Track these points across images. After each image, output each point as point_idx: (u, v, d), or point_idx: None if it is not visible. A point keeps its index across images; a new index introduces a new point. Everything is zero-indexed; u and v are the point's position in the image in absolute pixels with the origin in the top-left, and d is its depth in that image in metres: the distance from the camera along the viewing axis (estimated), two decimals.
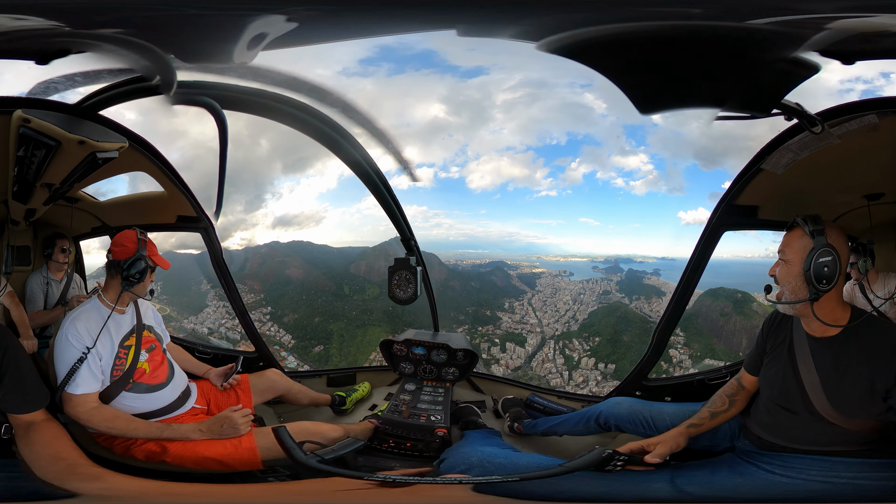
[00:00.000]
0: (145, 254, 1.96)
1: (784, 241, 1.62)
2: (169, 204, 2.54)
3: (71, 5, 1.53)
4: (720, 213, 2.18)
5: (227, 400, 2.25)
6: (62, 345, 1.85)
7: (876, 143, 1.78)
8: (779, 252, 1.62)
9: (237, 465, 1.87)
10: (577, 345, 6.77)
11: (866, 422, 1.55)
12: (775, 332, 1.74)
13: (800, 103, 1.73)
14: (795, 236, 1.59)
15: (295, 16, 1.59)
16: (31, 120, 1.79)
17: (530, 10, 1.57)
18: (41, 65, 1.72)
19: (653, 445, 1.71)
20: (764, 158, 1.94)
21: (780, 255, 1.62)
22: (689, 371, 5.63)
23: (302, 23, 1.62)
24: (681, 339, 6.09)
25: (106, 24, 1.58)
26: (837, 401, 1.56)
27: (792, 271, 1.58)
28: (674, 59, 1.66)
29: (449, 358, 2.75)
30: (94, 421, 1.85)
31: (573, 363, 6.62)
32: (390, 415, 2.36)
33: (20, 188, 2.13)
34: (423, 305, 3.00)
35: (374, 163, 2.47)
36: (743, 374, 1.84)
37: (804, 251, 1.56)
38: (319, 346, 6.90)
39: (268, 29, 1.62)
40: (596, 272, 7.69)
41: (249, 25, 1.58)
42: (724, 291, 6.24)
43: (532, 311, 7.32)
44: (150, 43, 1.67)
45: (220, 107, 2.16)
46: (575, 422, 2.24)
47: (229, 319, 5.78)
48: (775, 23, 1.51)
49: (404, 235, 2.74)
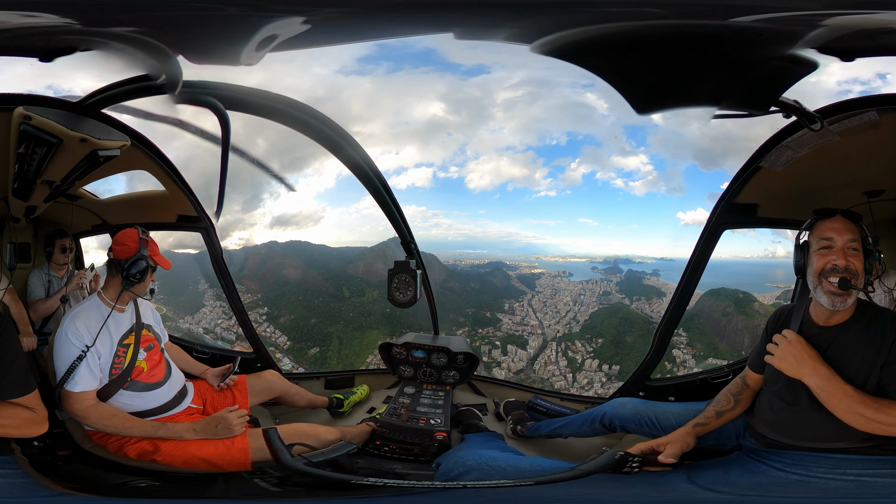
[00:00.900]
0: (146, 253, 1.95)
1: (853, 232, 1.58)
2: (170, 203, 2.55)
3: (86, 2, 1.54)
4: (720, 212, 2.18)
5: (224, 400, 2.23)
6: (62, 342, 1.84)
7: (876, 139, 1.78)
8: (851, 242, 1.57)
9: (226, 465, 1.85)
10: (579, 346, 6.71)
11: None
12: (781, 329, 1.72)
13: (798, 100, 1.74)
14: (855, 228, 1.59)
15: (300, 19, 1.61)
16: (32, 117, 1.80)
17: (524, 11, 1.58)
18: (45, 62, 1.73)
19: (663, 446, 1.70)
20: (763, 156, 1.95)
21: (853, 246, 1.56)
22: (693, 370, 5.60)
23: (306, 26, 1.64)
24: (683, 339, 6.06)
25: (118, 22, 1.60)
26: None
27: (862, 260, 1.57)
28: (669, 59, 1.67)
29: (449, 361, 2.73)
30: (91, 418, 1.84)
31: (576, 365, 6.55)
32: (388, 418, 2.34)
33: (21, 185, 2.13)
34: (422, 308, 2.98)
35: (374, 164, 2.48)
36: (747, 373, 1.82)
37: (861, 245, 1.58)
38: (315, 348, 6.81)
39: (277, 31, 1.63)
40: (595, 273, 7.67)
41: (260, 28, 1.60)
42: (725, 291, 6.22)
43: (532, 312, 7.26)
44: (160, 42, 1.68)
45: (223, 107, 2.18)
46: (579, 423, 2.22)
47: (225, 319, 5.73)
48: (773, 20, 1.52)
49: (404, 238, 2.73)
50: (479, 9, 1.60)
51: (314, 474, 1.73)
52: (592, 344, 6.68)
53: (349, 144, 2.36)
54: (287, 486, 1.80)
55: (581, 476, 1.60)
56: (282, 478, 1.81)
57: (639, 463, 1.62)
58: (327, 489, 1.77)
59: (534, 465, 1.76)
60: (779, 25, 1.53)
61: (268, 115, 2.24)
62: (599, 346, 6.63)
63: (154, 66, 1.85)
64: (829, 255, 1.58)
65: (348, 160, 2.40)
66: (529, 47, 1.62)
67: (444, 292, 7.15)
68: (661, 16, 1.55)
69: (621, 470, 1.60)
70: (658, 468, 1.66)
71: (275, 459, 1.72)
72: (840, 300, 1.56)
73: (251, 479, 1.85)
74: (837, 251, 1.57)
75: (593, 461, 1.61)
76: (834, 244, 1.58)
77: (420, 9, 1.65)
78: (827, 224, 1.61)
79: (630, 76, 1.69)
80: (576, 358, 6.59)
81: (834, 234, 1.59)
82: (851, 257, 1.56)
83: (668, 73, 1.71)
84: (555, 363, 6.65)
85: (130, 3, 1.55)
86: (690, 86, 1.75)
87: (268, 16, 1.59)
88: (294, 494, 1.79)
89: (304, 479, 1.76)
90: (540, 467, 1.74)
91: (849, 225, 1.59)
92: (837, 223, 1.60)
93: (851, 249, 1.57)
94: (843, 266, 1.55)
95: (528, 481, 1.59)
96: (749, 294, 6.14)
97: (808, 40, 1.55)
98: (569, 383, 5.95)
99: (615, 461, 1.60)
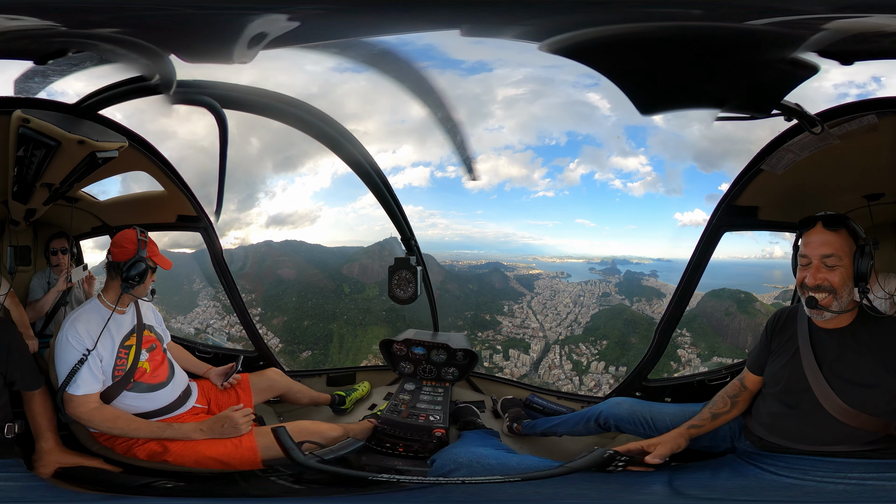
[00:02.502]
0: (145, 255, 1.94)
1: (830, 245, 1.52)
2: (169, 203, 2.54)
3: (65, 5, 1.52)
4: (720, 214, 2.18)
5: (228, 399, 2.24)
6: (62, 346, 1.84)
7: (876, 143, 1.78)
8: (826, 258, 1.51)
9: (238, 464, 1.87)
10: (584, 349, 6.63)
11: (871, 418, 1.52)
12: (781, 330, 1.72)
13: (799, 104, 1.73)
14: (843, 237, 1.53)
15: (296, 15, 1.59)
16: (30, 120, 1.79)
17: (533, 10, 1.56)
18: (39, 65, 1.71)
19: (653, 446, 1.70)
20: (764, 159, 1.95)
21: (827, 262, 1.51)
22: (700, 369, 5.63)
23: (303, 22, 1.62)
24: (688, 338, 6.06)
25: (102, 23, 1.58)
26: (843, 393, 1.53)
27: (847, 274, 1.52)
28: (673, 60, 1.66)
29: (448, 358, 2.75)
30: (95, 421, 1.85)
31: (582, 368, 6.48)
32: (389, 415, 2.36)
33: (20, 188, 2.13)
34: (419, 307, 2.98)
35: (375, 162, 2.47)
36: (746, 375, 1.82)
37: (852, 251, 1.53)
38: (307, 351, 6.66)
39: (268, 28, 1.61)
40: (593, 274, 7.65)
41: (250, 24, 1.58)
42: (727, 292, 6.22)
43: (532, 314, 7.19)
44: (149, 42, 1.67)
45: (220, 106, 2.16)
46: (574, 422, 2.23)
47: (218, 320, 5.66)
48: (774, 23, 1.51)
49: (404, 235, 2.74)
50: (488, 6, 1.58)
51: (328, 471, 1.76)
52: (597, 346, 6.61)
53: (349, 142, 2.35)
54: (306, 484, 1.83)
55: (565, 474, 1.61)
56: (298, 475, 1.84)
57: (624, 462, 1.62)
58: (337, 486, 1.81)
59: (521, 463, 1.76)
60: (783, 28, 1.52)
61: (267, 114, 2.23)
62: (604, 348, 6.56)
63: (147, 66, 1.83)
64: (804, 272, 1.57)
65: (348, 157, 2.40)
66: (538, 45, 1.60)
67: (443, 294, 7.05)
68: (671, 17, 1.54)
69: (606, 469, 1.61)
70: (643, 468, 1.65)
71: (287, 457, 1.74)
72: (816, 312, 1.55)
73: (267, 477, 1.88)
74: (812, 268, 1.55)
75: (580, 459, 1.62)
76: (809, 260, 1.56)
77: (427, 5, 1.63)
78: (806, 237, 1.58)
79: (637, 77, 1.68)
80: (581, 361, 6.51)
81: (808, 249, 1.56)
82: (825, 272, 1.53)
83: (673, 74, 1.70)
84: (559, 367, 6.55)
85: (115, 5, 1.54)
86: (694, 88, 1.74)
87: (266, 13, 1.57)
88: (310, 492, 1.82)
89: (316, 477, 1.79)
90: (528, 465, 1.75)
91: (826, 237, 1.54)
92: (815, 236, 1.56)
93: (826, 266, 1.53)
94: (811, 284, 1.54)
95: (514, 478, 1.61)
96: (750, 294, 6.14)
97: (809, 44, 1.54)
98: (576, 387, 5.85)
99: (602, 460, 1.60)
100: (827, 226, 1.54)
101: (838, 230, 1.54)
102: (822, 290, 1.53)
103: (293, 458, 1.73)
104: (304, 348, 6.73)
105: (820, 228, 1.55)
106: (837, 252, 1.53)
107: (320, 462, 1.77)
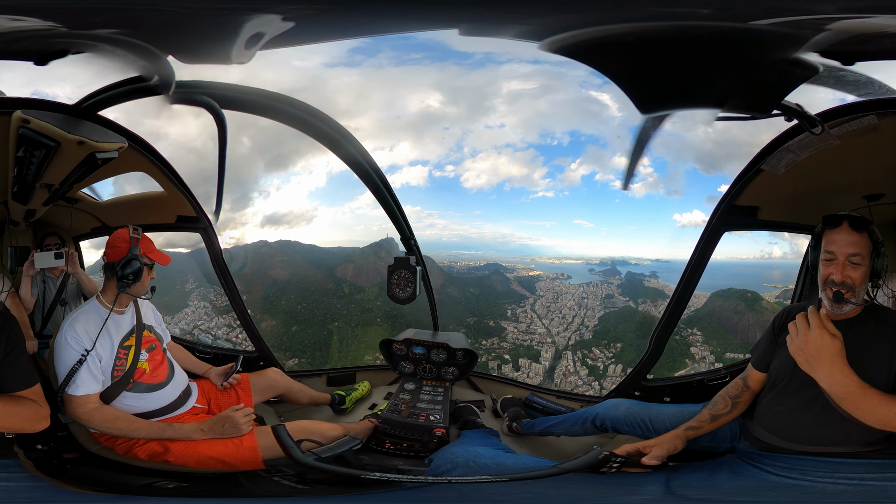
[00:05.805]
0: (138, 252, 1.92)
1: (857, 245, 1.60)
2: (168, 204, 2.54)
3: (66, 6, 1.52)
4: (721, 214, 2.18)
5: (228, 399, 2.25)
6: (61, 347, 1.84)
7: (876, 143, 1.77)
8: (852, 256, 1.59)
9: (239, 464, 1.87)
10: (598, 353, 6.44)
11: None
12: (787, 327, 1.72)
13: (800, 104, 1.73)
14: (865, 238, 1.61)
15: (293, 14, 1.58)
16: (30, 121, 1.79)
17: (533, 9, 1.56)
18: (40, 65, 1.71)
19: (649, 447, 1.69)
20: (764, 159, 1.94)
21: (853, 260, 1.59)
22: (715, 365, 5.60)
23: (301, 21, 1.62)
24: (699, 337, 6.03)
25: (102, 24, 1.58)
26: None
27: (866, 272, 1.60)
28: (675, 60, 1.65)
29: (448, 357, 2.75)
30: (95, 421, 1.85)
31: (599, 372, 6.31)
32: (389, 414, 2.37)
33: (20, 189, 2.13)
34: (418, 307, 2.97)
35: (374, 161, 2.47)
36: (749, 373, 1.80)
37: (870, 251, 1.61)
38: (294, 359, 6.35)
39: (265, 28, 1.61)
40: (593, 275, 7.61)
41: (247, 24, 1.58)
42: (733, 292, 6.22)
43: (537, 318, 7.04)
44: (147, 43, 1.67)
45: (219, 106, 2.16)
46: (572, 422, 2.23)
47: (206, 321, 5.57)
48: (777, 24, 1.50)
49: (404, 234, 2.74)
50: (487, 5, 1.58)
51: (325, 469, 1.76)
52: (611, 349, 6.50)
53: (347, 140, 2.35)
54: (307, 484, 1.83)
55: (559, 474, 1.60)
56: (300, 475, 1.84)
57: (619, 463, 1.62)
58: (336, 485, 1.81)
59: (517, 464, 1.76)
60: (787, 29, 1.51)
61: (266, 114, 2.23)
62: (619, 351, 6.46)
63: (145, 67, 1.83)
64: (829, 268, 1.62)
65: (347, 156, 2.39)
66: (538, 45, 1.60)
67: (443, 298, 6.85)
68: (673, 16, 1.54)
69: (599, 470, 1.60)
70: (639, 469, 1.65)
71: (287, 456, 1.75)
72: (837, 306, 1.61)
73: (268, 477, 1.87)
74: (837, 265, 1.61)
75: (575, 460, 1.61)
76: (835, 257, 1.61)
77: (426, 4, 1.63)
78: (831, 235, 1.64)
79: (637, 76, 1.67)
80: (597, 365, 6.36)
81: (835, 247, 1.61)
82: (850, 270, 1.60)
83: (675, 75, 1.69)
84: (575, 373, 6.34)
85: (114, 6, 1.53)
86: (696, 87, 1.73)
87: (259, 12, 1.57)
88: (311, 492, 1.82)
89: (317, 476, 1.80)
90: (523, 465, 1.75)
91: (852, 237, 1.61)
92: (841, 234, 1.62)
93: (851, 263, 1.60)
94: (839, 280, 1.60)
95: (504, 478, 1.61)
96: (756, 293, 6.16)
97: (811, 44, 1.54)
98: (597, 392, 5.70)
99: (597, 461, 1.60)
100: (854, 227, 1.62)
101: (863, 232, 1.61)
102: (846, 287, 1.60)
103: (292, 456, 1.73)
104: (291, 356, 6.43)
105: (847, 228, 1.62)
106: (862, 252, 1.60)
107: (318, 460, 1.77)
